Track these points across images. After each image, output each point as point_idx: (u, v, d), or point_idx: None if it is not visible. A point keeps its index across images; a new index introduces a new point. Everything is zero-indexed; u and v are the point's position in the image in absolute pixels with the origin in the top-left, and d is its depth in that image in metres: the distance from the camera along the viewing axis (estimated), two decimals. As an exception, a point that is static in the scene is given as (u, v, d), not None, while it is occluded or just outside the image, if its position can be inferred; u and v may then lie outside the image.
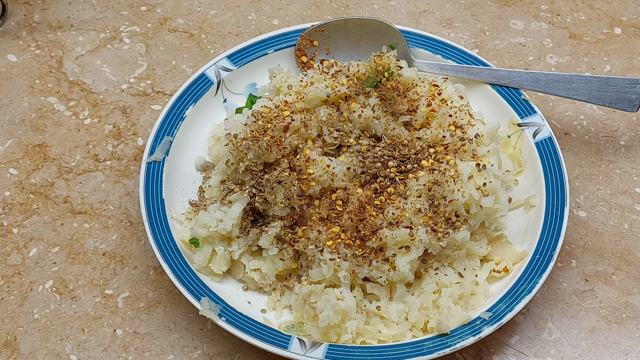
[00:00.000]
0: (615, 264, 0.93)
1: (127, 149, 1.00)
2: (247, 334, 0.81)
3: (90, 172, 0.98)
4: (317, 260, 0.85)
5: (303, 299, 0.84)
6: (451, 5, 1.15)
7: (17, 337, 0.86)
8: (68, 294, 0.89)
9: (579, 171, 1.00)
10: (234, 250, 0.87)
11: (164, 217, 0.88)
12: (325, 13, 1.14)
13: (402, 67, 0.96)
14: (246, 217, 0.87)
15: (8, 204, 0.95)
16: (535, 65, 1.09)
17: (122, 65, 1.08)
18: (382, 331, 0.84)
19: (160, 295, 0.90)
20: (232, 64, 1.00)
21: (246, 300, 0.87)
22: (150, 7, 1.14)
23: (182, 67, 1.08)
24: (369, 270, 0.83)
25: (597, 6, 1.15)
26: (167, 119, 0.95)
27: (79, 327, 0.87)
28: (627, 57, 1.10)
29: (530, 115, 0.96)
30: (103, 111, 1.03)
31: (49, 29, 1.11)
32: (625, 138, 1.03)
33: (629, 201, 0.98)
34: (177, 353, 0.86)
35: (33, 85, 1.05)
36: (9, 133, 1.01)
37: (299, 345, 0.81)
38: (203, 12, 1.13)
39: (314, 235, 0.85)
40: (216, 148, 0.96)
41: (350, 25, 1.01)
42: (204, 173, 0.96)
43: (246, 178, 0.89)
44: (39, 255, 0.92)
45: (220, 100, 1.00)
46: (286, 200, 0.86)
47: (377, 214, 0.84)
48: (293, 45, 1.02)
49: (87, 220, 0.94)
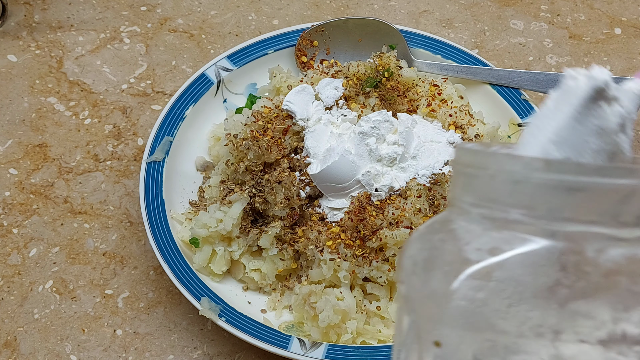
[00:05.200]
0: (615, 264, 0.93)
1: (127, 149, 1.00)
2: (247, 334, 0.81)
3: (90, 172, 0.98)
4: (317, 260, 0.85)
5: (303, 299, 0.84)
6: (451, 6, 1.15)
7: (17, 337, 0.86)
8: (68, 294, 0.89)
9: (579, 171, 1.00)
10: (234, 250, 0.87)
11: (164, 217, 0.88)
12: (325, 13, 1.14)
13: (402, 67, 0.96)
14: (246, 217, 0.87)
15: (8, 204, 0.95)
16: (535, 65, 1.09)
17: (122, 66, 1.08)
18: (382, 331, 0.84)
19: (160, 295, 0.90)
20: (232, 64, 1.00)
21: (246, 300, 0.87)
22: (150, 7, 1.14)
23: (182, 67, 1.08)
24: (369, 270, 0.83)
25: (597, 6, 1.15)
26: (167, 119, 0.95)
27: (79, 327, 0.87)
28: (627, 57, 1.10)
29: (530, 115, 0.96)
30: (103, 111, 1.03)
31: (49, 29, 1.11)
32: (625, 138, 1.03)
33: (629, 201, 0.98)
34: (177, 353, 0.86)
35: (33, 86, 1.05)
36: (9, 133, 1.01)
37: (299, 345, 0.81)
38: (203, 12, 1.13)
39: (314, 235, 0.85)
40: (216, 148, 0.96)
41: (350, 25, 1.01)
42: (204, 173, 0.96)
43: (246, 178, 0.89)
44: (39, 256, 0.92)
45: (220, 100, 1.00)
46: (286, 201, 0.86)
47: (377, 214, 0.84)
48: (293, 45, 1.02)
49: (87, 220, 0.94)
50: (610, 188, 0.48)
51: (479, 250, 0.49)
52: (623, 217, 0.49)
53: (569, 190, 0.48)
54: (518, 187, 0.49)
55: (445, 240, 0.52)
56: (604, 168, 0.49)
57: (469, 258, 0.49)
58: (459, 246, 0.51)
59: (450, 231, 0.52)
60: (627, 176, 0.48)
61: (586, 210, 0.49)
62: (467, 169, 0.53)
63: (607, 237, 0.49)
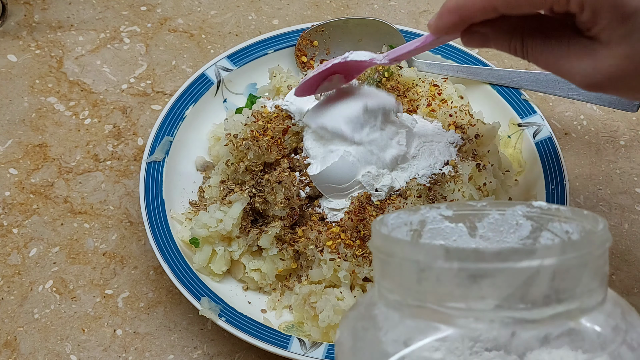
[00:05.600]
0: (615, 263, 0.93)
1: (127, 149, 1.00)
2: (247, 334, 0.81)
3: (90, 172, 0.98)
4: (317, 260, 0.85)
5: (303, 299, 0.84)
6: (451, 5, 1.15)
7: (17, 337, 0.86)
8: (68, 294, 0.89)
9: (579, 171, 1.00)
10: (234, 250, 0.87)
11: (164, 217, 0.88)
12: (325, 13, 1.14)
13: (402, 67, 0.96)
14: (246, 217, 0.87)
15: (8, 204, 0.95)
16: (535, 66, 1.09)
17: (122, 65, 1.08)
18: (382, 331, 0.84)
19: (160, 295, 0.90)
20: (232, 64, 1.00)
21: (246, 300, 0.87)
22: (150, 7, 1.14)
23: (182, 67, 1.08)
24: (369, 270, 0.83)
25: (597, 6, 1.15)
26: (167, 119, 0.95)
27: (79, 327, 0.87)
28: (627, 57, 1.10)
29: (530, 115, 0.96)
30: (103, 111, 1.03)
31: (49, 29, 1.11)
32: (625, 138, 1.03)
33: (629, 201, 0.98)
34: (177, 353, 0.86)
35: (33, 85, 1.05)
36: (9, 133, 1.01)
37: (299, 345, 0.81)
38: (203, 12, 1.13)
39: (314, 235, 0.85)
40: (216, 148, 0.96)
41: (350, 25, 1.01)
42: (204, 173, 0.96)
43: (246, 178, 0.89)
44: (39, 255, 0.92)
45: (220, 100, 1.00)
46: (286, 201, 0.86)
47: (377, 214, 0.84)
48: (293, 45, 1.02)
49: (87, 220, 0.94)
50: (513, 272, 0.48)
51: (395, 342, 0.50)
52: (531, 298, 0.48)
53: (473, 277, 0.48)
54: (424, 275, 0.50)
55: (367, 328, 0.53)
56: (503, 252, 0.48)
57: (386, 351, 0.50)
58: (379, 337, 0.51)
59: (372, 318, 0.53)
60: (527, 258, 0.48)
61: (492, 295, 0.48)
62: (379, 254, 0.54)
63: (517, 320, 0.48)
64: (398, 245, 0.52)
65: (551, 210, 0.58)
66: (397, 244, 0.52)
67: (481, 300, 0.49)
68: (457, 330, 0.49)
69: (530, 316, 0.49)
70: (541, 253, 0.48)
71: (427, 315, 0.50)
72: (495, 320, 0.49)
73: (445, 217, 0.60)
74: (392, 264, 0.52)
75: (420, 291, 0.50)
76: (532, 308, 0.49)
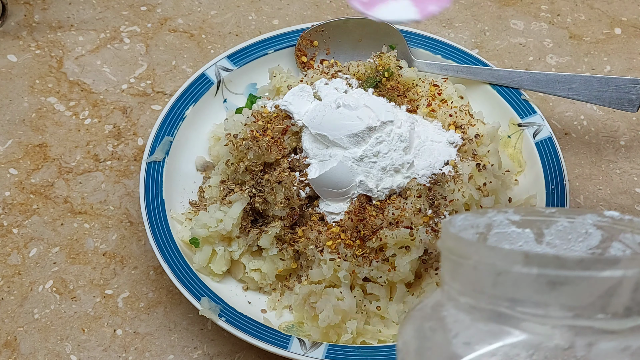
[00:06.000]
0: (615, 264, 0.93)
1: (127, 149, 1.00)
2: (247, 334, 0.81)
3: (90, 172, 0.98)
4: (317, 260, 0.85)
5: (303, 299, 0.84)
6: (451, 5, 1.15)
7: (17, 337, 0.86)
8: (68, 294, 0.89)
9: (579, 171, 1.00)
10: (234, 250, 0.87)
11: (164, 217, 0.88)
12: (325, 13, 1.14)
13: (402, 67, 0.96)
14: (246, 217, 0.87)
15: (8, 204, 0.95)
16: (536, 66, 1.09)
17: (122, 65, 1.08)
18: (382, 331, 0.84)
19: (160, 295, 0.90)
20: (232, 64, 1.00)
21: (246, 300, 0.87)
22: (150, 7, 1.14)
23: (182, 67, 1.08)
24: (369, 270, 0.83)
25: (597, 6, 1.15)
26: (167, 119, 0.95)
27: (79, 327, 0.87)
28: (627, 57, 1.10)
29: (530, 116, 0.96)
30: (103, 111, 1.03)
31: (49, 29, 1.11)
32: (625, 138, 1.03)
33: (629, 201, 0.98)
34: (177, 353, 0.86)
35: (33, 85, 1.05)
36: (9, 133, 1.01)
37: (299, 345, 0.81)
38: (203, 12, 1.13)
39: (314, 235, 0.85)
40: (216, 148, 0.96)
41: (350, 25, 1.01)
42: (204, 173, 0.96)
43: (246, 178, 0.89)
44: (39, 255, 0.92)
45: (220, 100, 1.00)
46: (286, 201, 0.86)
47: (377, 214, 0.84)
48: (293, 45, 1.02)
49: (87, 220, 0.94)
50: (595, 281, 0.46)
51: (467, 345, 0.49)
52: (611, 309, 0.47)
53: (552, 283, 0.47)
54: (500, 279, 0.49)
55: (435, 329, 0.52)
56: (585, 260, 0.47)
57: (456, 353, 0.49)
58: (448, 339, 0.50)
59: (441, 319, 0.52)
60: (610, 267, 0.46)
61: (572, 304, 0.47)
62: (451, 255, 0.52)
63: (596, 330, 0.47)
64: (473, 248, 0.51)
65: (623, 220, 0.56)
66: (472, 247, 0.51)
67: (559, 308, 0.47)
68: (530, 337, 0.48)
69: (610, 327, 0.47)
70: (625, 263, 0.46)
71: (500, 319, 0.49)
72: (572, 329, 0.47)
73: (512, 222, 0.59)
74: (465, 266, 0.51)
75: (495, 295, 0.49)
76: (612, 319, 0.47)
